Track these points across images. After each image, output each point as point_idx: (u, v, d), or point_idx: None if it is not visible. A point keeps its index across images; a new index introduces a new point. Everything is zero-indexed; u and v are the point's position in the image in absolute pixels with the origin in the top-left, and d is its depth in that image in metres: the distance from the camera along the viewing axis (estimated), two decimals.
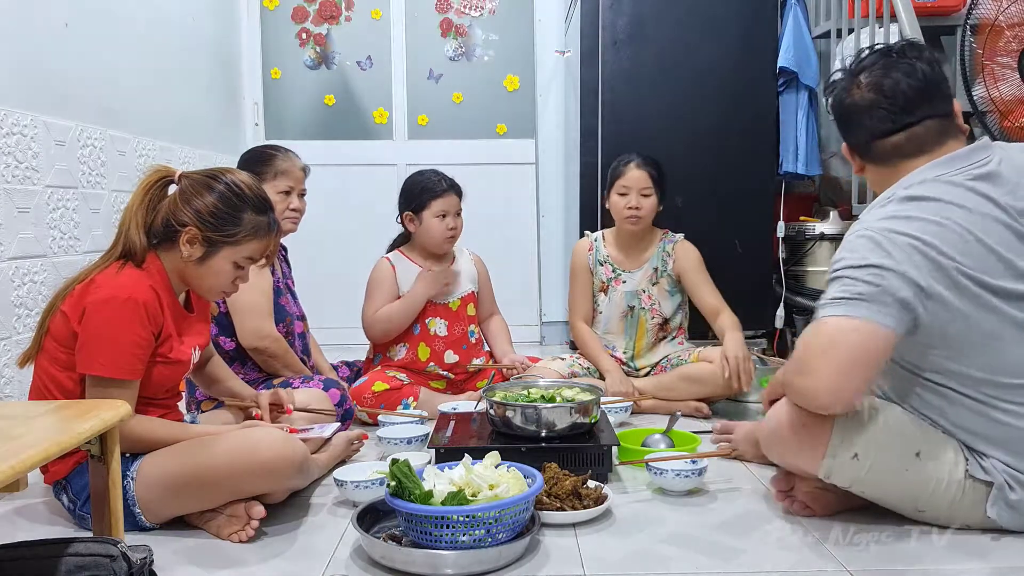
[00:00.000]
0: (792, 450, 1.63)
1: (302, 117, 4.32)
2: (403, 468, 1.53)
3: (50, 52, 2.42)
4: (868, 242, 1.54)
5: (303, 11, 4.28)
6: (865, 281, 1.50)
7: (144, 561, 1.17)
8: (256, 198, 1.76)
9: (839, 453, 1.57)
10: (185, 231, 1.69)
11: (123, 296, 1.61)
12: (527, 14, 4.29)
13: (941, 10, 3.20)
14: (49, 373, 1.66)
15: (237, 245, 1.73)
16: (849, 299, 1.50)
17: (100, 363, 1.59)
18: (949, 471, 1.58)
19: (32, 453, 1.05)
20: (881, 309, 1.48)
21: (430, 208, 2.73)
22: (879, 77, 1.64)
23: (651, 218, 2.80)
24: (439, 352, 2.77)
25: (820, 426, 1.57)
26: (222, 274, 1.75)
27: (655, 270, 2.82)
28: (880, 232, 1.54)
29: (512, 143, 4.30)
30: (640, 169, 2.75)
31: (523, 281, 4.28)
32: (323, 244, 4.09)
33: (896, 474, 1.58)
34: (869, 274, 1.51)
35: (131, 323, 1.61)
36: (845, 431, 1.57)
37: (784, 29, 3.40)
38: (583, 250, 2.92)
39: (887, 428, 1.58)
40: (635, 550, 1.60)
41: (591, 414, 2.02)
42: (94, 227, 2.61)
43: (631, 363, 2.84)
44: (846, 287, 1.52)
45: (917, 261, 1.50)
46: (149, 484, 1.63)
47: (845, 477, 1.60)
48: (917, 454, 1.57)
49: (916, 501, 1.61)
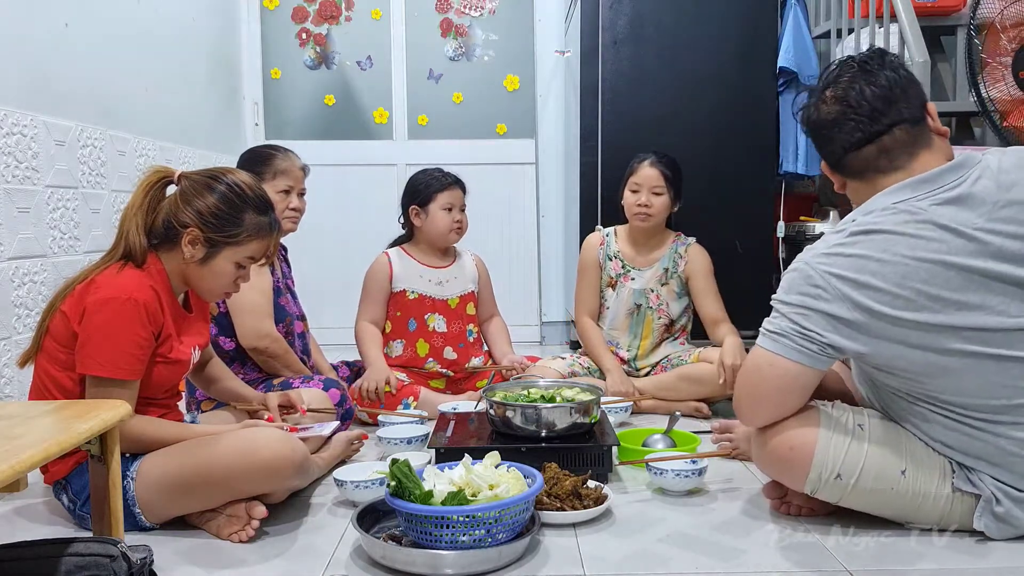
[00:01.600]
0: (776, 470, 1.68)
1: (302, 117, 4.32)
2: (403, 468, 1.53)
3: (50, 52, 2.42)
4: (800, 277, 1.56)
5: (303, 11, 4.28)
6: (790, 319, 1.55)
7: (144, 561, 1.17)
8: (257, 198, 1.76)
9: (822, 474, 1.57)
10: (187, 232, 1.69)
11: (123, 296, 1.61)
12: (527, 14, 4.29)
13: (941, 10, 3.20)
14: (49, 373, 1.66)
15: (239, 245, 1.74)
16: (775, 333, 1.57)
17: (100, 363, 1.59)
18: (937, 486, 1.57)
19: (32, 453, 1.05)
20: (802, 347, 1.54)
21: (436, 200, 2.74)
22: (844, 89, 1.62)
23: (662, 217, 2.79)
24: (438, 348, 2.78)
25: (802, 448, 1.58)
26: (224, 275, 1.75)
27: (665, 270, 2.82)
28: (815, 269, 1.54)
29: (512, 143, 4.30)
30: (653, 167, 2.75)
31: (523, 281, 4.28)
32: (323, 244, 4.09)
33: (881, 492, 1.58)
34: (795, 312, 1.55)
35: (131, 323, 1.61)
36: (827, 452, 1.57)
37: (784, 29, 3.40)
38: (594, 244, 2.91)
39: (871, 447, 1.58)
40: (635, 550, 1.60)
41: (591, 414, 2.02)
42: (94, 227, 2.61)
43: (632, 363, 2.84)
44: (775, 321, 1.59)
45: (848, 303, 1.50)
46: (149, 484, 1.63)
47: (831, 495, 1.60)
48: (903, 472, 1.57)
49: (903, 515, 1.61)
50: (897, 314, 1.49)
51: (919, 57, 2.63)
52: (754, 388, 1.61)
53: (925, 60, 2.64)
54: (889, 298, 1.49)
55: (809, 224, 3.51)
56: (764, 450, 1.65)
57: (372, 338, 2.74)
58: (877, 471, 1.57)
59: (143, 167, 2.94)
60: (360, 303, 2.81)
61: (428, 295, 2.79)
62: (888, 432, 1.61)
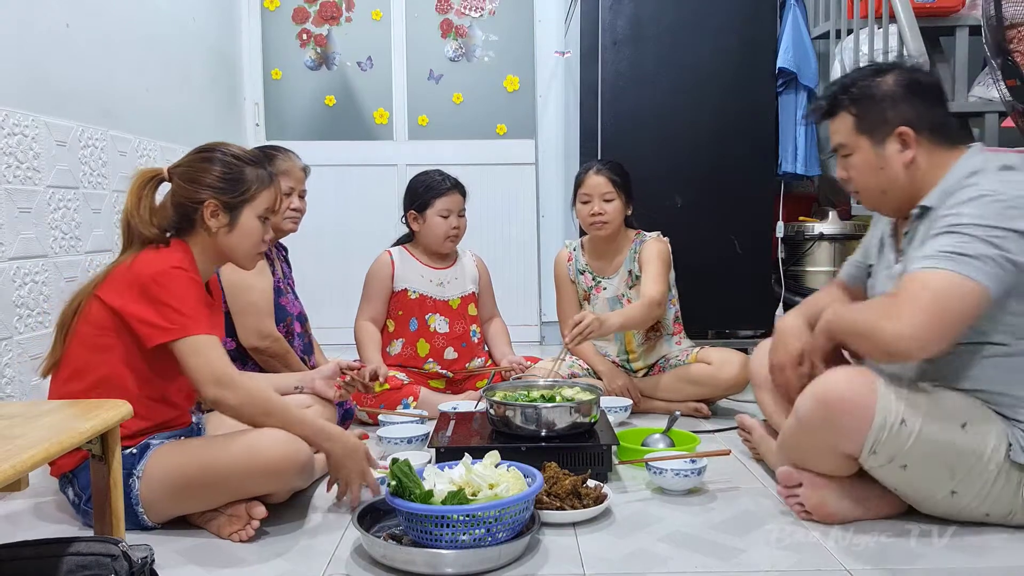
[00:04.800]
0: (833, 426, 1.61)
1: (303, 117, 4.32)
2: (403, 468, 1.53)
3: (51, 53, 2.42)
4: (991, 201, 1.55)
5: (304, 12, 4.28)
6: (989, 242, 1.52)
7: (145, 560, 1.18)
8: (249, 155, 1.85)
9: (887, 419, 1.56)
10: (205, 207, 1.75)
11: (173, 263, 1.67)
12: (527, 14, 4.29)
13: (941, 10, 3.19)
14: (84, 359, 1.67)
15: (254, 200, 1.81)
16: (969, 256, 1.52)
17: (186, 324, 1.63)
18: (993, 448, 1.57)
19: (33, 453, 1.06)
20: (996, 272, 1.51)
21: (433, 206, 2.75)
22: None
23: (618, 222, 2.73)
24: (439, 348, 2.78)
25: (866, 395, 1.57)
26: (254, 232, 1.82)
27: (629, 273, 2.78)
28: (1005, 193, 1.55)
29: (512, 143, 4.30)
30: (600, 175, 2.71)
31: (523, 281, 4.29)
32: (323, 244, 4.10)
33: (941, 445, 1.57)
34: (992, 235, 1.52)
35: (193, 285, 1.68)
36: (889, 397, 1.57)
37: (783, 30, 3.41)
38: (563, 261, 2.90)
39: (934, 398, 1.60)
40: (635, 549, 1.60)
41: (591, 414, 2.03)
42: (95, 227, 2.61)
43: (627, 365, 2.83)
44: (966, 245, 1.53)
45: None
46: (154, 484, 1.64)
47: (889, 449, 1.58)
48: (963, 425, 1.58)
49: (952, 478, 1.59)
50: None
51: (918, 57, 2.63)
52: (940, 313, 1.50)
53: (924, 61, 2.64)
54: None
55: (808, 224, 3.51)
56: (820, 403, 1.61)
57: (371, 337, 2.74)
58: (940, 418, 1.57)
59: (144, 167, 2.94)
60: (361, 301, 2.81)
61: (429, 295, 2.80)
62: (948, 391, 1.62)
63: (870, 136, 1.72)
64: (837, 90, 1.78)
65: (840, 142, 1.77)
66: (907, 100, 1.70)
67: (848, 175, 1.79)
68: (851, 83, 1.76)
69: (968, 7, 3.22)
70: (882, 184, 1.73)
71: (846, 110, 1.75)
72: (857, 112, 1.73)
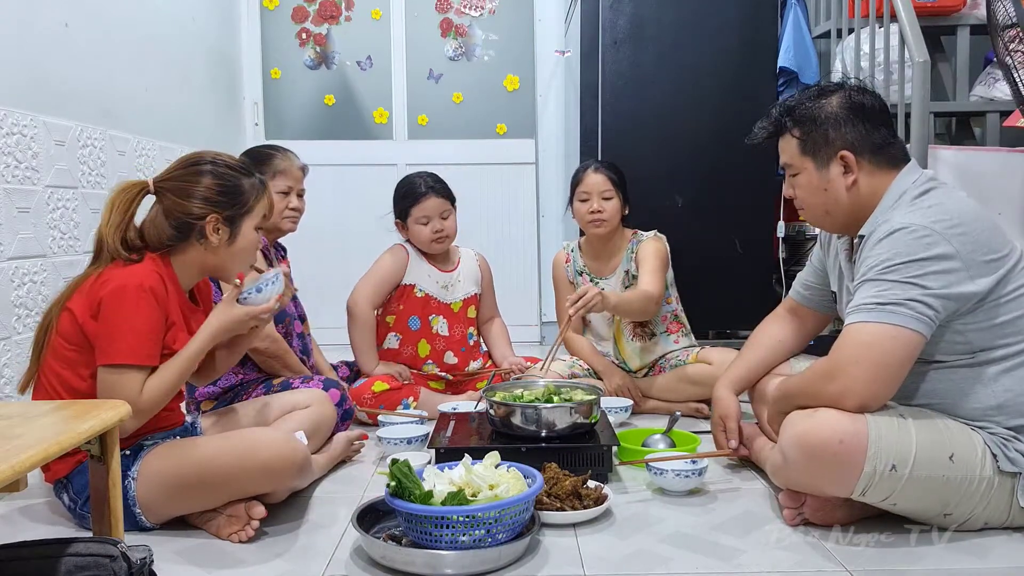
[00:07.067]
0: (823, 472, 1.57)
1: (302, 117, 4.32)
2: (403, 468, 1.53)
3: (50, 52, 2.42)
4: (902, 242, 1.56)
5: (303, 11, 4.27)
6: (906, 285, 1.54)
7: (144, 561, 1.17)
8: (238, 164, 1.82)
9: (877, 466, 1.52)
10: (207, 222, 1.72)
11: (134, 283, 1.63)
12: (527, 14, 4.29)
13: (941, 10, 3.20)
14: (56, 372, 1.66)
15: (252, 211, 1.79)
16: (891, 304, 1.53)
17: (120, 350, 1.60)
18: (980, 467, 1.56)
19: (32, 453, 1.05)
20: (921, 315, 1.53)
21: (412, 214, 2.73)
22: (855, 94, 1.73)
23: (616, 220, 2.73)
24: (439, 351, 2.77)
25: (854, 439, 1.53)
26: (252, 244, 1.81)
27: (626, 272, 2.78)
28: (919, 229, 1.56)
29: (512, 143, 4.30)
30: (598, 173, 2.72)
31: (523, 281, 4.28)
32: (323, 244, 4.09)
33: (933, 481, 1.55)
34: (909, 279, 1.54)
35: (147, 308, 1.63)
36: (879, 442, 1.53)
37: (784, 29, 3.40)
38: (561, 263, 2.90)
39: (917, 434, 1.55)
40: (635, 550, 1.60)
41: (591, 414, 2.02)
42: (94, 227, 2.58)
43: (625, 365, 2.82)
44: (885, 293, 1.55)
45: (957, 241, 1.56)
46: (150, 485, 1.64)
47: (882, 491, 1.55)
48: (951, 457, 1.55)
49: (947, 505, 1.58)
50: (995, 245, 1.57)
51: (919, 57, 2.63)
52: (878, 367, 1.53)
53: (925, 60, 2.64)
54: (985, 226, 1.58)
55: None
56: (806, 451, 1.57)
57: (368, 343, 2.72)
58: (929, 457, 1.55)
59: (143, 167, 2.94)
60: (367, 281, 2.74)
61: (434, 296, 2.79)
62: (924, 417, 1.61)
63: (813, 158, 1.74)
64: (781, 112, 1.80)
65: (786, 162, 1.80)
66: (850, 122, 1.71)
67: (795, 193, 1.82)
68: (795, 105, 1.78)
69: (969, 6, 3.23)
70: (826, 205, 1.76)
71: (790, 132, 1.78)
72: (800, 135, 1.75)
